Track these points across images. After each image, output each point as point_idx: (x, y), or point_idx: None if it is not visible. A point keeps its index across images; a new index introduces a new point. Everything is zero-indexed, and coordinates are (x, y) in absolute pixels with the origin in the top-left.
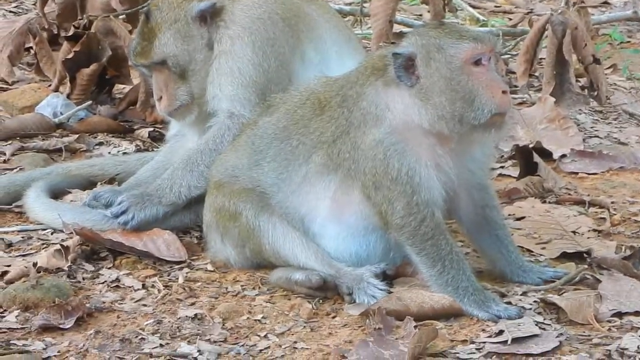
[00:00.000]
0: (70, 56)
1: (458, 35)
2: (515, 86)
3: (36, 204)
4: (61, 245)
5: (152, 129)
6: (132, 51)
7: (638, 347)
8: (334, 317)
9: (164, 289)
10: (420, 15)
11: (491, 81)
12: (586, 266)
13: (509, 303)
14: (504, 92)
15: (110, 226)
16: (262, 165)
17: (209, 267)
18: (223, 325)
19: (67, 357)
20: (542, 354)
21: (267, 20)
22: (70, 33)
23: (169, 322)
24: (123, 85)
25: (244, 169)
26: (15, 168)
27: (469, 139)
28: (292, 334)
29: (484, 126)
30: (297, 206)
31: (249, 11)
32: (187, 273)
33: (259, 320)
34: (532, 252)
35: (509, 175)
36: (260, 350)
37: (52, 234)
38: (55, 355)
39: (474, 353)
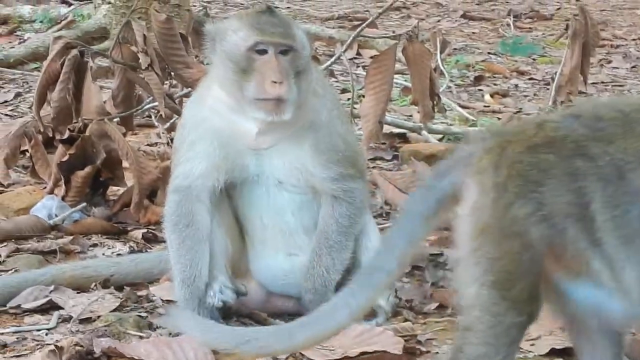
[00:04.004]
0: (65, 159)
1: None
2: None
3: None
4: (55, 346)
5: (145, 230)
6: (268, 29)
7: None
8: None
9: None
10: (410, 115)
11: None
12: None
13: None
14: None
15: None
16: None
17: None
18: None
19: None
20: None
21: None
22: (65, 136)
23: None
24: (117, 187)
25: None
26: (10, 270)
27: None
28: None
29: None
30: None
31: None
32: None
33: None
34: (521, 348)
35: None
36: None
37: (46, 334)
38: None
39: None
